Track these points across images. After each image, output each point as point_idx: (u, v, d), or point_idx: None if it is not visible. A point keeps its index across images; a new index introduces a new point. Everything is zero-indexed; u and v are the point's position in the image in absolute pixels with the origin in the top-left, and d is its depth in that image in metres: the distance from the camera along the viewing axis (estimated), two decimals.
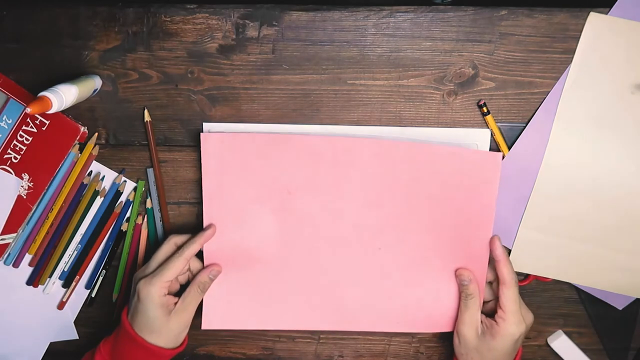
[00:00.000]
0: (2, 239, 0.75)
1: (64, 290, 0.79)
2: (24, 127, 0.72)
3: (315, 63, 0.72)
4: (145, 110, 0.74)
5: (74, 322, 0.80)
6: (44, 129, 0.73)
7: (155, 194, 0.76)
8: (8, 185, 0.73)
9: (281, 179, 0.71)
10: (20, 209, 0.74)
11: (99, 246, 0.77)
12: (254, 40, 0.72)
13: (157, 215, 0.77)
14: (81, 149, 0.74)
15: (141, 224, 0.77)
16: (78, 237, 0.77)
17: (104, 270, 0.78)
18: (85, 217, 0.76)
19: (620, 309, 0.77)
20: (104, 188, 0.76)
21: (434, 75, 0.72)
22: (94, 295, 0.79)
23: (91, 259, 0.78)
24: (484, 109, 0.72)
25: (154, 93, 0.74)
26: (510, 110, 0.73)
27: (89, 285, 0.79)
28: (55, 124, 0.73)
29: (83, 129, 0.74)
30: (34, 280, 0.78)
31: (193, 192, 0.76)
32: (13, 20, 0.72)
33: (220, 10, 0.71)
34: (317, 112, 0.74)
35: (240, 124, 0.74)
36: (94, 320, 0.79)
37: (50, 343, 0.81)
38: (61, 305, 0.79)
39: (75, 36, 0.72)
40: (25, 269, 0.77)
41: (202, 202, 0.72)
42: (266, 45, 0.72)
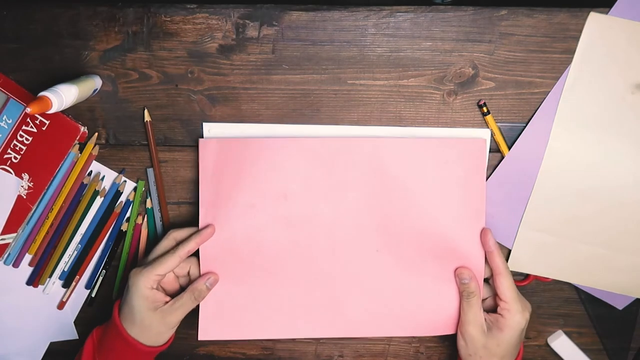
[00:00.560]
0: (2, 239, 0.75)
1: (64, 290, 0.79)
2: (24, 127, 0.72)
3: (315, 63, 0.72)
4: (145, 110, 0.74)
5: (74, 322, 0.80)
6: (44, 129, 0.73)
7: (155, 194, 0.76)
8: (8, 185, 0.73)
9: (277, 183, 0.71)
10: (20, 209, 0.74)
11: (99, 246, 0.77)
12: (254, 40, 0.72)
13: (157, 215, 0.77)
14: (81, 149, 0.74)
15: (141, 224, 0.77)
16: (78, 237, 0.77)
17: (104, 270, 0.78)
18: (85, 217, 0.76)
19: (620, 309, 0.77)
20: (104, 188, 0.76)
21: (434, 75, 0.72)
22: (94, 295, 0.79)
23: (91, 259, 0.78)
24: (484, 109, 0.72)
25: (154, 93, 0.74)
26: (510, 110, 0.73)
27: (89, 285, 0.79)
28: (55, 124, 0.73)
29: (83, 129, 0.74)
30: (34, 280, 0.78)
31: (193, 192, 0.76)
32: (13, 20, 0.72)
33: (220, 10, 0.71)
34: (317, 112, 0.74)
35: (240, 124, 0.74)
36: (94, 320, 0.79)
37: (50, 343, 0.81)
38: (61, 305, 0.79)
39: (75, 36, 0.72)
40: (25, 269, 0.78)
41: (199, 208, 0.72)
42: (266, 45, 0.72)
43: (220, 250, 0.72)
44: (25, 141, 0.73)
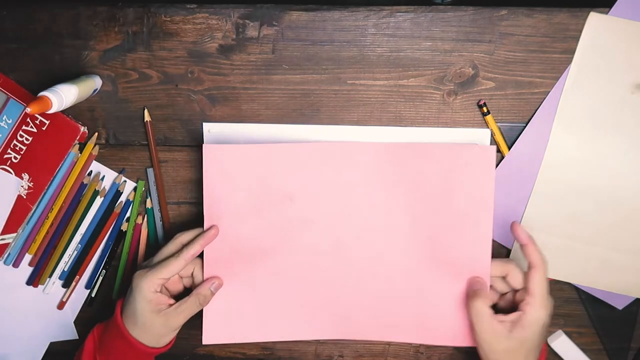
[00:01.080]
0: (2, 239, 0.75)
1: (64, 290, 0.79)
2: (24, 127, 0.72)
3: (315, 63, 0.72)
4: (145, 110, 0.74)
5: (74, 322, 0.80)
6: (44, 129, 0.73)
7: (155, 194, 0.76)
8: (8, 185, 0.73)
9: (282, 188, 0.70)
10: (20, 209, 0.74)
11: (99, 246, 0.77)
12: (254, 40, 0.72)
13: (157, 215, 0.77)
14: (81, 149, 0.74)
15: (141, 224, 0.77)
16: (78, 237, 0.77)
17: (104, 270, 0.78)
18: (85, 217, 0.76)
19: (620, 309, 0.77)
20: (104, 188, 0.76)
21: (434, 75, 0.72)
22: (94, 295, 0.79)
23: (91, 259, 0.78)
24: (484, 109, 0.72)
25: (154, 93, 0.74)
26: (510, 110, 0.73)
27: (89, 285, 0.79)
28: (55, 124, 0.73)
29: (83, 129, 0.74)
30: (34, 280, 0.78)
31: (193, 192, 0.76)
32: (13, 20, 0.72)
33: (220, 10, 0.71)
34: (317, 112, 0.74)
35: (240, 124, 0.74)
36: (94, 320, 0.78)
37: (50, 343, 0.81)
38: (61, 305, 0.79)
39: (75, 36, 0.72)
40: (25, 269, 0.78)
41: (203, 207, 0.71)
42: (266, 45, 0.72)
43: (225, 253, 0.72)
44: (25, 141, 0.73)
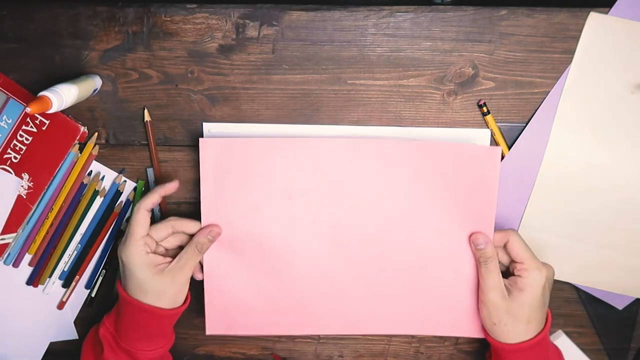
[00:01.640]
0: (2, 239, 0.75)
1: (64, 290, 0.79)
2: (24, 127, 0.72)
3: (315, 63, 0.72)
4: (145, 110, 0.74)
5: (74, 322, 0.80)
6: (44, 128, 0.73)
7: None
8: (8, 185, 0.73)
9: (281, 183, 0.71)
10: (20, 208, 0.74)
11: (99, 246, 0.77)
12: (254, 40, 0.72)
13: (157, 215, 0.77)
14: (81, 149, 0.74)
15: None
16: (78, 237, 0.77)
17: (104, 270, 0.78)
18: (85, 217, 0.76)
19: (620, 309, 0.77)
20: (104, 188, 0.76)
21: (434, 75, 0.72)
22: (94, 295, 0.79)
23: (91, 259, 0.78)
24: (484, 109, 0.72)
25: (154, 93, 0.74)
26: (510, 110, 0.73)
27: (89, 285, 0.79)
28: (55, 124, 0.73)
29: (83, 129, 0.74)
30: (34, 280, 0.78)
31: (193, 192, 0.76)
32: (13, 20, 0.72)
33: (220, 10, 0.71)
34: (317, 112, 0.74)
35: (240, 124, 0.74)
36: (94, 320, 0.79)
37: (50, 343, 0.81)
38: (61, 305, 0.79)
39: (75, 36, 0.72)
40: (25, 268, 0.77)
41: (200, 207, 0.72)
42: (266, 45, 0.72)
43: (224, 249, 0.72)
44: (25, 141, 0.73)
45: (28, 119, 0.72)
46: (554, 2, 0.71)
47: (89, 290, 0.79)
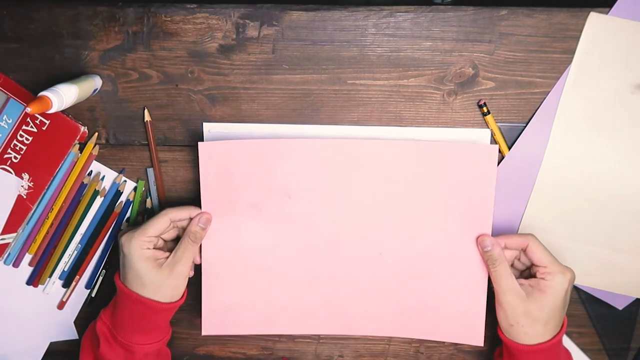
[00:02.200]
0: (2, 239, 0.75)
1: (64, 290, 0.79)
2: (24, 127, 0.72)
3: (315, 63, 0.72)
4: (145, 110, 0.74)
5: (74, 322, 0.80)
6: (44, 128, 0.73)
7: (155, 194, 0.76)
8: (8, 185, 0.73)
9: (280, 183, 0.71)
10: (20, 208, 0.74)
11: (99, 246, 0.77)
12: (254, 40, 0.72)
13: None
14: (81, 149, 0.74)
15: None
16: (78, 237, 0.77)
17: (104, 270, 0.78)
18: (85, 217, 0.76)
19: (620, 309, 0.77)
20: (104, 188, 0.76)
21: (434, 75, 0.72)
22: (94, 295, 0.79)
23: (91, 259, 0.78)
24: (484, 109, 0.72)
25: (154, 93, 0.74)
26: (510, 110, 0.73)
27: (89, 285, 0.79)
28: (55, 124, 0.73)
29: (83, 129, 0.74)
30: (34, 280, 0.78)
31: (193, 192, 0.76)
32: (13, 20, 0.72)
33: (220, 10, 0.71)
34: (317, 112, 0.74)
35: (240, 124, 0.74)
36: (94, 320, 0.79)
37: (50, 343, 0.81)
38: (61, 305, 0.79)
39: (75, 36, 0.72)
40: (25, 268, 0.78)
41: (201, 206, 0.72)
42: (266, 45, 0.72)
43: (223, 248, 0.72)
44: (25, 141, 0.73)
45: (28, 119, 0.72)
46: (554, 2, 0.71)
47: (89, 290, 0.79)
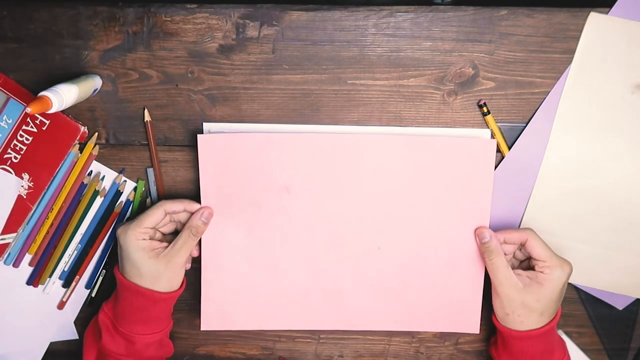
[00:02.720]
0: (2, 239, 0.75)
1: (64, 290, 0.79)
2: (24, 127, 0.72)
3: (315, 63, 0.72)
4: (145, 110, 0.74)
5: (74, 322, 0.80)
6: (44, 128, 0.73)
7: (155, 194, 0.76)
8: (8, 185, 0.73)
9: (279, 178, 0.71)
10: (20, 208, 0.74)
11: (99, 246, 0.77)
12: (254, 40, 0.72)
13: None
14: (81, 149, 0.74)
15: None
16: (78, 237, 0.77)
17: (104, 270, 0.78)
18: (85, 217, 0.76)
19: (620, 309, 0.77)
20: (104, 188, 0.76)
21: (434, 75, 0.72)
22: (94, 295, 0.79)
23: (91, 259, 0.78)
24: (484, 109, 0.72)
25: (154, 93, 0.74)
26: (510, 110, 0.73)
27: (89, 285, 0.79)
28: (55, 124, 0.73)
29: (83, 129, 0.74)
30: (34, 280, 0.78)
31: (193, 192, 0.76)
32: (13, 20, 0.72)
33: (220, 10, 0.71)
34: (317, 112, 0.74)
35: (240, 124, 0.74)
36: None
37: (50, 343, 0.81)
38: (61, 305, 0.79)
39: (75, 36, 0.72)
40: (25, 268, 0.77)
41: (200, 203, 0.72)
42: (266, 45, 0.72)
43: (223, 243, 0.72)
44: (25, 141, 0.73)
45: (28, 119, 0.72)
46: (554, 2, 0.71)
47: (89, 290, 0.79)
